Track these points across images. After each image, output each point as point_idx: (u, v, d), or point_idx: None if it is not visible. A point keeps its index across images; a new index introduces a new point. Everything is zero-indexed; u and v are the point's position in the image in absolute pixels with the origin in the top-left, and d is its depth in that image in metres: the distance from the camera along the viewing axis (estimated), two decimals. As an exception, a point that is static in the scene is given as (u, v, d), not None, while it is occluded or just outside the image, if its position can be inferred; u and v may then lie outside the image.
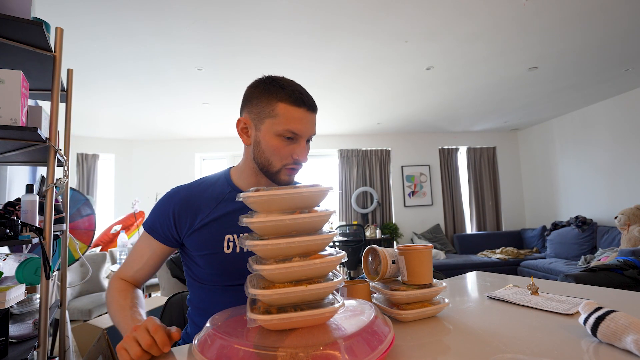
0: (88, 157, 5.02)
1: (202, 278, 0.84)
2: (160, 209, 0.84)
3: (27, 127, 1.06)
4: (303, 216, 0.57)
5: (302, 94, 0.77)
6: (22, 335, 1.18)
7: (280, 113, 0.75)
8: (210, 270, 0.82)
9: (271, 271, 0.55)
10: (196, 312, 0.87)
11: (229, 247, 0.81)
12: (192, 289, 0.89)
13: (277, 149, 0.77)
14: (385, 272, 0.82)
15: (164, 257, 0.87)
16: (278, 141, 0.77)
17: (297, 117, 0.76)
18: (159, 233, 0.83)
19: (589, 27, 2.56)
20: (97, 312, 2.83)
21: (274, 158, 0.78)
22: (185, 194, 0.84)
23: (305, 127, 0.78)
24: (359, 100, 4.06)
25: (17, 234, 1.10)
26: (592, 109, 4.55)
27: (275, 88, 0.76)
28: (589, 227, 4.23)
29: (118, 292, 0.81)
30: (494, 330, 0.67)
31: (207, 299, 0.84)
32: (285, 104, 0.75)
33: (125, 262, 0.87)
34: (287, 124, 0.75)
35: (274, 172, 0.80)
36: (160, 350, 0.59)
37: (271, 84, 0.77)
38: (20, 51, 1.17)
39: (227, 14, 2.21)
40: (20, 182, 2.03)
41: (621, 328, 0.55)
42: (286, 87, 0.76)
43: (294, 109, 0.76)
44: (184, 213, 0.82)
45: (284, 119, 0.75)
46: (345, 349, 0.50)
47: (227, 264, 0.81)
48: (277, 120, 0.76)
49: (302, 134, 0.77)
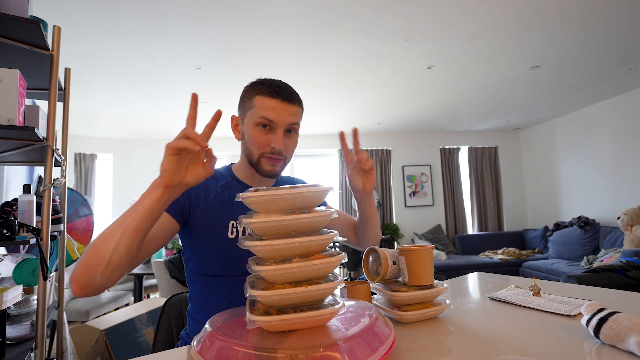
0: (86, 156, 5.01)
1: (204, 269, 0.85)
2: None
3: (24, 127, 1.06)
4: (303, 216, 0.57)
5: (279, 87, 0.83)
6: (20, 336, 1.18)
7: (257, 104, 0.82)
8: (212, 256, 0.84)
9: (271, 272, 0.54)
10: (197, 308, 0.87)
11: (233, 233, 0.85)
12: (193, 284, 0.89)
13: (255, 137, 0.83)
14: (385, 273, 0.81)
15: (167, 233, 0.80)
16: (255, 130, 0.83)
17: (270, 106, 0.81)
18: (172, 206, 0.80)
19: (591, 26, 2.55)
20: (95, 314, 2.82)
21: (253, 147, 0.84)
22: None
23: (279, 115, 0.82)
24: (359, 100, 4.06)
25: (14, 234, 1.10)
26: (594, 108, 4.54)
27: (256, 85, 0.84)
28: (591, 227, 4.22)
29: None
30: (496, 332, 0.67)
31: (209, 293, 0.85)
32: (261, 96, 0.82)
33: None
34: (261, 112, 0.81)
35: (255, 162, 0.85)
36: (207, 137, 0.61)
37: (255, 82, 0.85)
38: (18, 50, 1.17)
39: (227, 13, 2.20)
40: (17, 182, 2.03)
41: (624, 329, 0.55)
42: (265, 83, 0.83)
43: (268, 99, 0.82)
44: (197, 192, 0.86)
45: (259, 109, 0.82)
46: (345, 350, 0.49)
47: (230, 249, 0.83)
48: (254, 111, 0.83)
49: (276, 121, 0.82)
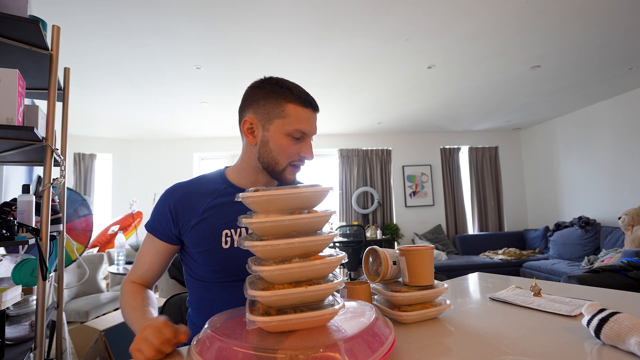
0: (85, 156, 5.01)
1: (202, 275, 0.85)
2: (159, 208, 0.86)
3: (23, 127, 1.05)
4: (303, 217, 0.57)
5: (308, 96, 0.83)
6: (19, 337, 1.17)
7: (291, 114, 0.80)
8: (209, 267, 0.84)
9: (270, 272, 0.54)
10: (196, 313, 0.88)
11: (227, 242, 0.83)
12: (192, 289, 0.89)
13: (285, 147, 0.81)
14: (386, 273, 0.81)
15: (169, 256, 0.89)
16: (287, 140, 0.81)
17: (305, 117, 0.81)
18: (160, 232, 0.85)
19: (592, 25, 2.55)
20: (94, 314, 2.81)
21: (282, 157, 0.82)
22: (182, 191, 0.87)
23: (312, 126, 0.83)
24: (360, 100, 4.06)
25: (14, 234, 1.10)
26: (595, 108, 4.54)
27: (283, 90, 0.81)
28: (592, 227, 4.21)
29: (129, 294, 0.83)
30: (496, 332, 0.67)
31: (207, 298, 0.85)
32: (295, 105, 0.80)
33: (133, 265, 0.89)
34: (297, 124, 0.80)
35: (280, 171, 0.84)
36: (172, 346, 0.60)
37: (278, 86, 0.81)
38: (17, 49, 1.17)
39: (227, 13, 2.20)
40: (16, 182, 2.03)
41: (625, 330, 0.55)
42: (293, 89, 0.81)
43: (303, 110, 0.81)
44: (182, 209, 0.84)
45: (294, 120, 0.80)
46: (345, 351, 0.49)
47: (226, 259, 0.82)
48: (287, 121, 0.80)
49: (309, 133, 0.83)
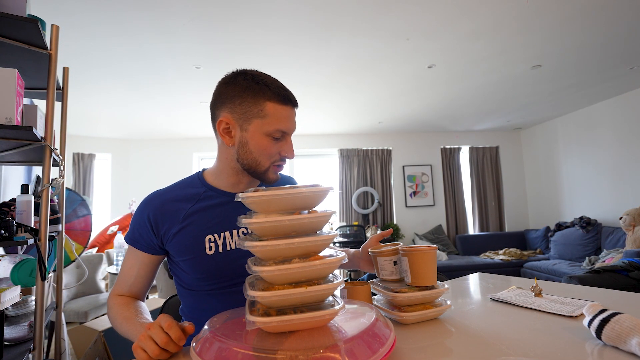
0: (84, 156, 5.00)
1: (189, 284, 0.83)
2: (137, 219, 0.82)
3: (22, 126, 1.05)
4: (303, 217, 0.57)
5: (287, 91, 0.77)
6: (17, 337, 1.17)
7: (270, 113, 0.75)
8: (195, 274, 0.80)
9: (270, 273, 0.54)
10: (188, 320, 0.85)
11: (211, 248, 0.80)
12: (183, 298, 0.87)
13: (266, 148, 0.77)
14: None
15: (154, 267, 0.85)
16: (267, 140, 0.77)
17: (285, 116, 0.76)
18: (141, 243, 0.82)
19: (592, 25, 2.54)
20: (93, 314, 2.81)
21: (263, 157, 0.78)
22: (160, 200, 0.82)
23: (292, 124, 0.79)
24: (360, 99, 4.05)
25: (12, 234, 1.09)
26: (596, 108, 4.53)
27: (260, 87, 0.75)
28: (593, 227, 4.20)
29: (119, 306, 0.79)
30: (497, 333, 0.67)
31: (197, 307, 0.83)
32: (274, 103, 0.75)
33: (117, 279, 0.85)
34: (277, 124, 0.75)
35: (262, 172, 0.80)
36: (177, 346, 0.59)
37: (254, 82, 0.76)
38: (15, 49, 1.16)
39: (226, 12, 2.20)
40: (15, 182, 2.02)
41: (626, 330, 0.55)
42: (271, 86, 0.76)
43: (282, 108, 0.76)
44: (161, 218, 0.80)
45: (274, 119, 0.75)
46: (345, 351, 0.49)
47: (211, 266, 0.79)
48: (266, 121, 0.75)
49: (289, 131, 0.79)
